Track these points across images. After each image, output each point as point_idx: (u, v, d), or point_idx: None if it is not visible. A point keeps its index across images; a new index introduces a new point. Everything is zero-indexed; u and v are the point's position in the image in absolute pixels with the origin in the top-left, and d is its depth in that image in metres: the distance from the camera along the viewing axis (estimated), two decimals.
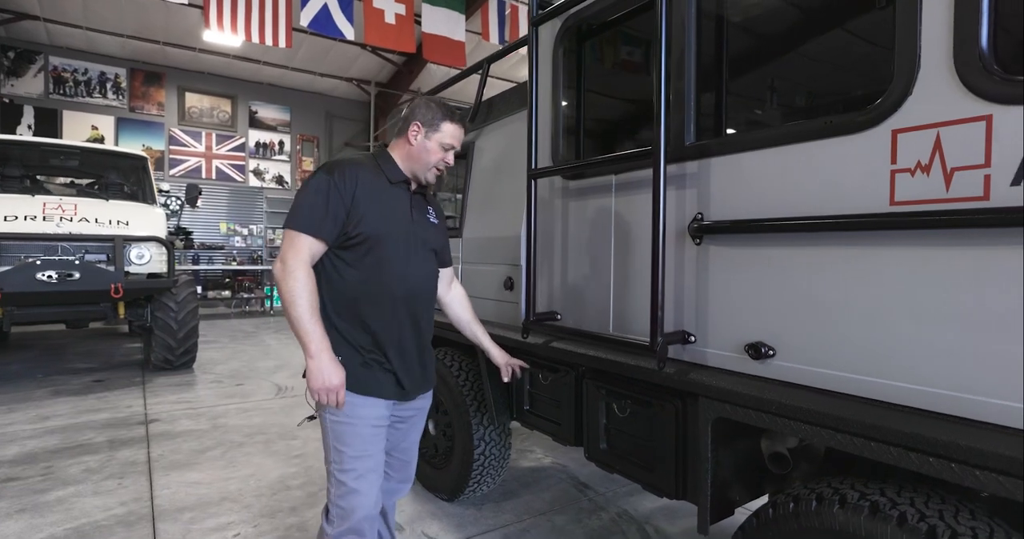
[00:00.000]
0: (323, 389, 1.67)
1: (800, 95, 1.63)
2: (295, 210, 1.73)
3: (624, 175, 1.95)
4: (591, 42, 2.20)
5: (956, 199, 1.14)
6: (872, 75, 1.36)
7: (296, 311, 1.66)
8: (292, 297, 1.66)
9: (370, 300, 1.80)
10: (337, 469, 1.80)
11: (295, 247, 1.70)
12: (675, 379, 1.66)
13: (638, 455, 1.91)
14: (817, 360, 1.39)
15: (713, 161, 1.64)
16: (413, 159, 1.88)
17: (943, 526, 1.15)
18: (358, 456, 1.79)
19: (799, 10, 1.57)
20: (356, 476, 1.78)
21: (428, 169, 1.88)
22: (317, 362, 1.66)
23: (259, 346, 8.58)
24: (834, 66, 1.52)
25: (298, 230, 1.70)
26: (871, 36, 1.40)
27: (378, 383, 1.83)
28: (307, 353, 1.67)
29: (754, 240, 1.53)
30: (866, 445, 1.23)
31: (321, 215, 1.71)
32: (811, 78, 1.59)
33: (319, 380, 1.67)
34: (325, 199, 1.71)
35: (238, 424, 4.67)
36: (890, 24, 1.26)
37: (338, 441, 1.79)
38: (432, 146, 1.86)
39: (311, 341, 1.66)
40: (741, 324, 1.57)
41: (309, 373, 1.68)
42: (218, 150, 13.49)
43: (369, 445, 1.81)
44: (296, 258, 1.69)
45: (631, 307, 1.93)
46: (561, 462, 3.90)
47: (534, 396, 2.50)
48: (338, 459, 1.79)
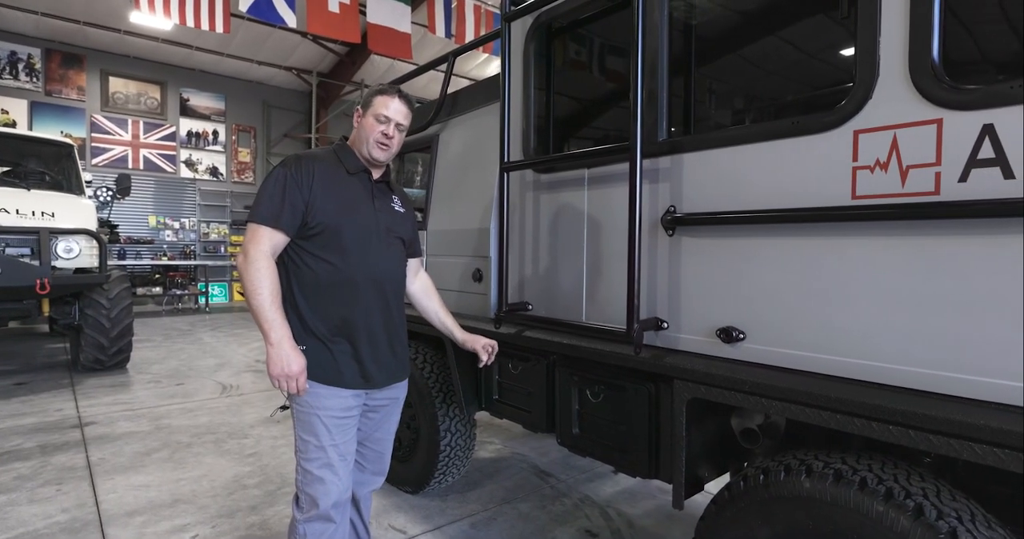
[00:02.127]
0: (282, 376, 1.69)
1: (768, 96, 1.74)
2: (255, 204, 1.78)
3: (597, 169, 2.02)
4: (562, 39, 2.25)
5: (910, 194, 1.27)
6: (836, 80, 1.49)
7: (257, 300, 1.69)
8: (254, 286, 1.70)
9: (335, 288, 1.82)
10: (303, 458, 1.84)
11: (255, 239, 1.74)
12: (652, 363, 1.75)
13: (611, 438, 1.99)
14: (785, 342, 1.50)
15: (686, 157, 1.74)
16: (359, 140, 1.92)
17: (898, 488, 1.28)
18: (322, 446, 1.82)
19: (767, 17, 1.68)
20: (320, 465, 1.82)
21: (371, 145, 1.89)
22: (277, 349, 1.69)
23: (197, 344, 8.22)
24: (800, 70, 1.64)
25: (258, 222, 1.76)
26: (835, 44, 1.52)
27: (343, 373, 1.84)
28: (268, 341, 1.69)
29: (726, 231, 1.63)
30: (832, 417, 1.35)
31: (278, 207, 1.76)
32: (779, 80, 1.70)
33: (278, 366, 1.69)
34: (282, 191, 1.77)
35: (183, 424, 4.48)
36: (852, 34, 1.38)
37: (304, 431, 1.83)
38: (369, 121, 1.89)
39: (272, 329, 1.69)
40: (712, 310, 1.67)
41: (269, 360, 1.69)
42: (146, 139, 12.75)
43: (336, 435, 1.83)
44: (256, 249, 1.73)
45: (604, 296, 2.01)
46: (521, 452, 3.97)
47: (503, 385, 2.54)
48: (304, 448, 1.84)
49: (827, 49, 1.57)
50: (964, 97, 1.20)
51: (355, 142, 1.94)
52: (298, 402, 1.82)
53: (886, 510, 1.26)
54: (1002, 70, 1.23)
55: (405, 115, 1.92)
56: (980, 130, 1.18)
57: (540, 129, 2.30)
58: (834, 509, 1.34)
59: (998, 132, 1.16)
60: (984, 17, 1.27)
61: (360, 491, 2.12)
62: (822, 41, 1.57)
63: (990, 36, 1.29)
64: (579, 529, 2.86)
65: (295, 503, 1.90)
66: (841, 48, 1.48)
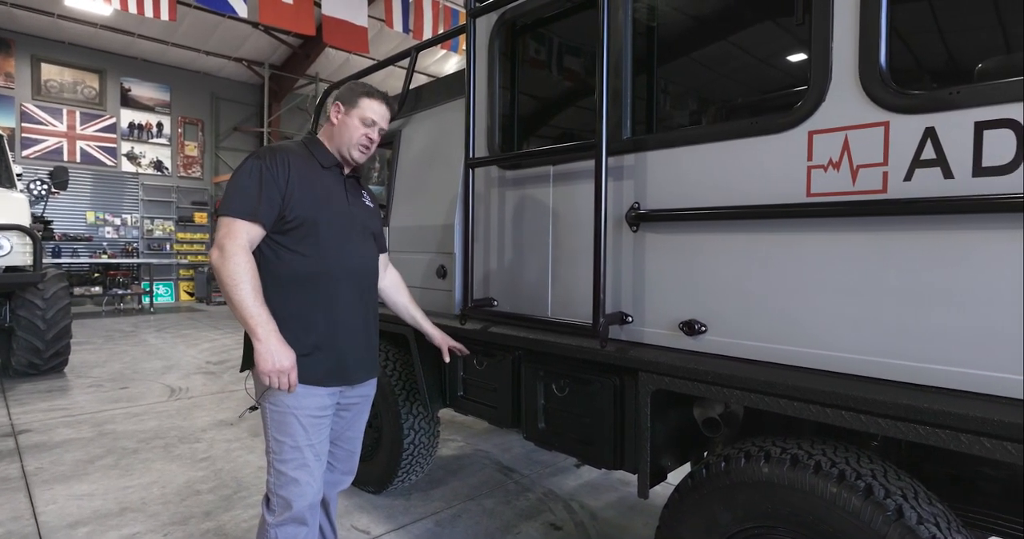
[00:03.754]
0: (274, 371, 1.64)
1: (728, 97, 1.81)
2: (228, 197, 1.70)
3: (562, 166, 2.05)
4: (526, 37, 2.27)
5: (861, 192, 1.35)
6: (792, 83, 1.55)
7: (239, 294, 1.62)
8: (235, 280, 1.62)
9: (313, 283, 1.79)
10: (277, 459, 1.79)
11: (232, 232, 1.67)
12: (617, 356, 1.79)
13: (577, 431, 2.03)
14: (745, 333, 1.57)
15: (649, 155, 1.78)
16: (337, 138, 1.90)
17: (849, 470, 1.36)
18: (298, 446, 1.78)
19: (726, 22, 1.74)
20: (296, 466, 1.78)
21: (352, 146, 1.89)
22: (266, 344, 1.63)
23: (141, 346, 7.88)
24: (758, 73, 1.71)
25: (233, 216, 1.68)
26: (792, 48, 1.59)
27: (320, 371, 1.80)
28: (255, 337, 1.64)
29: (688, 227, 1.68)
30: (789, 404, 1.41)
31: (255, 200, 1.69)
32: (738, 82, 1.77)
33: (270, 362, 1.63)
34: (258, 184, 1.70)
35: (129, 430, 4.29)
36: (807, 40, 1.44)
37: (278, 431, 1.78)
38: (353, 122, 1.87)
39: (258, 324, 1.63)
40: (675, 304, 1.72)
41: (259, 356, 1.64)
42: (83, 130, 12.11)
43: (312, 435, 1.80)
44: (234, 243, 1.65)
45: (570, 291, 2.04)
46: (484, 448, 3.98)
47: (468, 382, 2.55)
48: (278, 449, 1.79)
49: (784, 53, 1.64)
50: (908, 101, 1.28)
51: (331, 139, 1.91)
52: (272, 402, 1.76)
53: (839, 491, 1.34)
54: (942, 77, 1.31)
55: (388, 120, 1.95)
56: (923, 133, 1.26)
57: (505, 126, 2.31)
58: (791, 492, 1.41)
59: (939, 135, 1.24)
60: (927, 28, 1.35)
61: (330, 492, 2.09)
62: (779, 45, 1.64)
63: (932, 46, 1.38)
64: (544, 523, 2.89)
65: (265, 506, 1.86)
66: (797, 53, 1.55)
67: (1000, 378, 1.18)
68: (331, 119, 1.90)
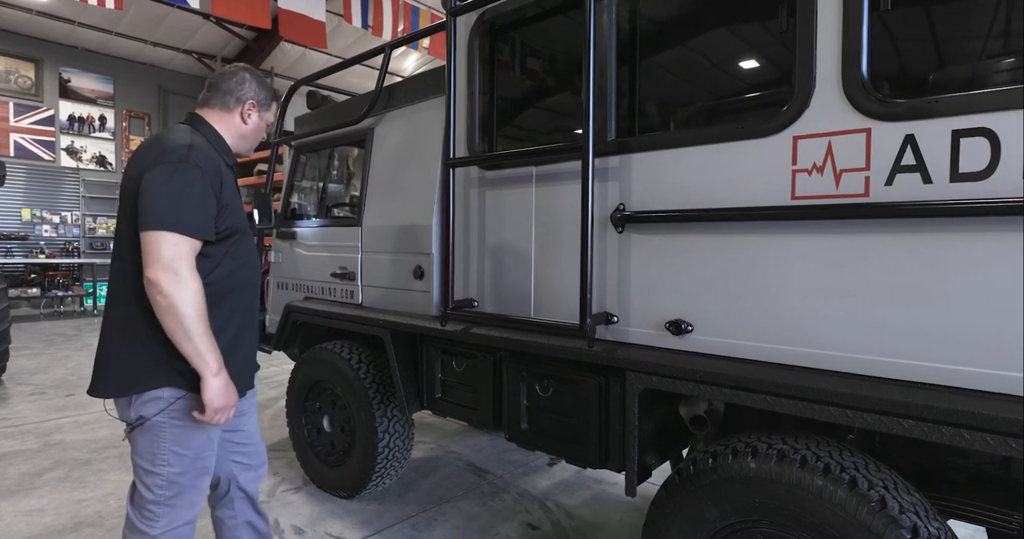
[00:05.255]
0: (226, 407, 1.60)
1: (713, 101, 1.84)
2: (169, 208, 1.52)
3: (545, 167, 2.06)
4: (507, 37, 2.27)
5: (844, 195, 1.40)
6: (777, 89, 1.60)
7: (195, 327, 1.52)
8: (190, 311, 1.51)
9: (235, 293, 1.72)
10: (174, 471, 1.66)
11: (182, 254, 1.52)
12: (605, 356, 1.80)
13: (561, 431, 2.04)
14: (731, 332, 1.61)
15: (635, 157, 1.81)
16: (245, 138, 1.86)
17: (834, 463, 1.41)
18: (201, 456, 1.71)
19: (710, 27, 1.78)
20: (197, 475, 1.71)
21: (251, 145, 1.89)
22: (222, 379, 1.58)
23: (86, 351, 7.49)
24: (743, 78, 1.75)
25: (182, 233, 1.52)
26: (777, 54, 1.63)
27: (243, 381, 1.77)
28: (209, 371, 1.55)
29: (674, 228, 1.71)
30: (776, 401, 1.46)
31: (203, 215, 1.58)
32: (723, 87, 1.81)
33: (225, 397, 1.59)
34: (202, 196, 1.58)
35: (79, 439, 4.08)
36: (792, 47, 1.49)
37: (178, 445, 1.65)
38: (262, 126, 1.88)
39: (214, 359, 1.57)
40: (661, 304, 1.75)
41: (213, 392, 1.56)
42: (18, 122, 11.40)
43: (214, 445, 1.75)
44: (187, 266, 1.53)
45: (553, 292, 2.05)
46: (455, 449, 3.95)
47: (446, 383, 2.52)
48: (174, 462, 1.65)
49: (769, 59, 1.69)
50: (889, 109, 1.34)
51: (240, 137, 1.84)
52: (174, 416, 1.63)
53: (824, 484, 1.39)
54: (922, 86, 1.38)
55: None
56: (903, 139, 1.32)
57: (484, 126, 2.30)
58: (778, 486, 1.45)
59: (918, 142, 1.30)
60: (908, 37, 1.42)
61: (251, 487, 2.04)
62: (764, 51, 1.68)
63: (912, 56, 1.45)
64: (521, 523, 2.90)
65: (139, 519, 1.69)
66: (782, 59, 1.60)
67: (970, 372, 1.25)
68: (242, 116, 1.82)
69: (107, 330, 1.68)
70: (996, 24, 1.29)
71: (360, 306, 2.99)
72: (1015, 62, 1.26)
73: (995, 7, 1.30)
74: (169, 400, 1.62)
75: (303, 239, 3.49)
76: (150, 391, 1.61)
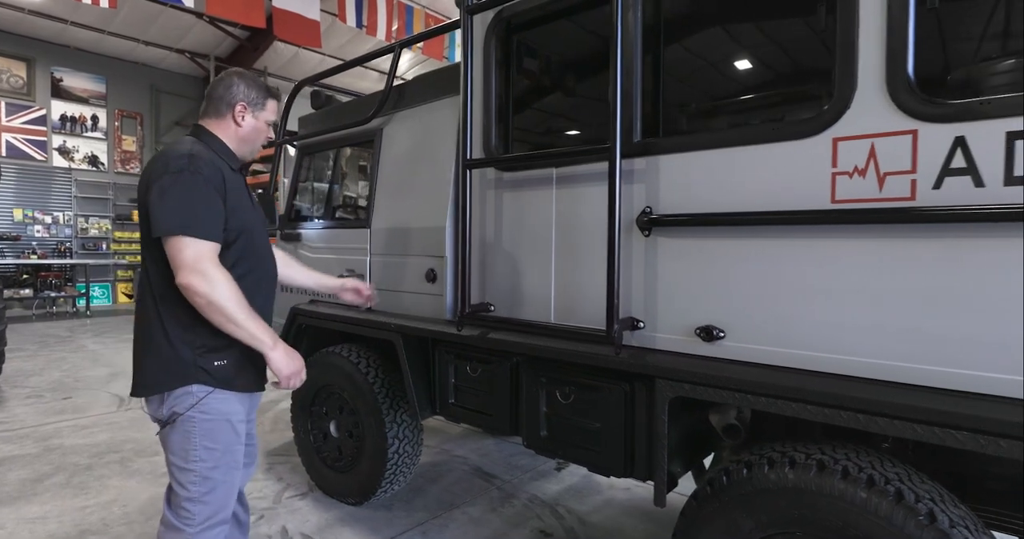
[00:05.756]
0: (297, 371, 1.75)
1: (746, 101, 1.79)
2: (180, 213, 1.60)
3: (566, 169, 2.01)
4: (525, 36, 2.21)
5: (888, 199, 1.36)
6: (815, 88, 1.56)
7: (238, 315, 1.62)
8: (229, 303, 1.61)
9: (251, 292, 1.76)
10: (207, 467, 1.74)
11: (203, 254, 1.61)
12: (633, 363, 1.75)
13: (583, 439, 1.99)
14: (765, 339, 1.56)
15: (662, 158, 1.76)
16: (245, 141, 1.88)
17: (878, 474, 1.37)
18: (230, 450, 1.78)
19: (744, 24, 1.74)
20: (227, 470, 1.78)
21: (256, 148, 1.93)
22: (278, 351, 1.71)
23: (81, 352, 7.39)
24: (778, 78, 1.71)
25: (199, 237, 1.61)
26: (815, 53, 1.59)
27: (259, 377, 1.87)
28: (266, 348, 1.68)
29: (705, 232, 1.67)
30: (820, 411, 1.41)
31: (212, 218, 1.66)
32: (756, 86, 1.76)
33: (292, 365, 1.73)
34: (208, 200, 1.66)
35: (79, 444, 3.99)
36: (831, 46, 1.45)
37: (209, 441, 1.74)
38: (260, 125, 1.89)
39: (266, 336, 1.68)
40: (691, 310, 1.71)
41: (279, 363, 1.71)
42: (10, 122, 11.24)
43: (241, 437, 1.83)
44: (212, 265, 1.62)
45: (575, 296, 2.00)
46: (460, 453, 3.90)
47: (460, 388, 2.47)
48: (207, 457, 1.74)
49: (806, 58, 1.64)
50: (938, 110, 1.29)
51: (239, 140, 1.87)
52: (205, 411, 1.72)
53: (869, 496, 1.34)
54: (972, 87, 1.34)
55: None
56: (952, 142, 1.28)
57: (502, 126, 2.25)
58: (819, 498, 1.41)
59: (969, 144, 1.26)
60: (956, 35, 1.38)
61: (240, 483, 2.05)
62: (800, 50, 1.64)
63: (962, 54, 1.40)
64: (533, 530, 2.85)
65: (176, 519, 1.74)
66: (820, 58, 1.55)
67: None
68: (235, 119, 1.84)
69: (136, 332, 1.78)
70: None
71: (369, 309, 2.93)
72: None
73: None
74: (199, 395, 1.71)
75: (308, 241, 3.42)
76: (181, 387, 1.70)
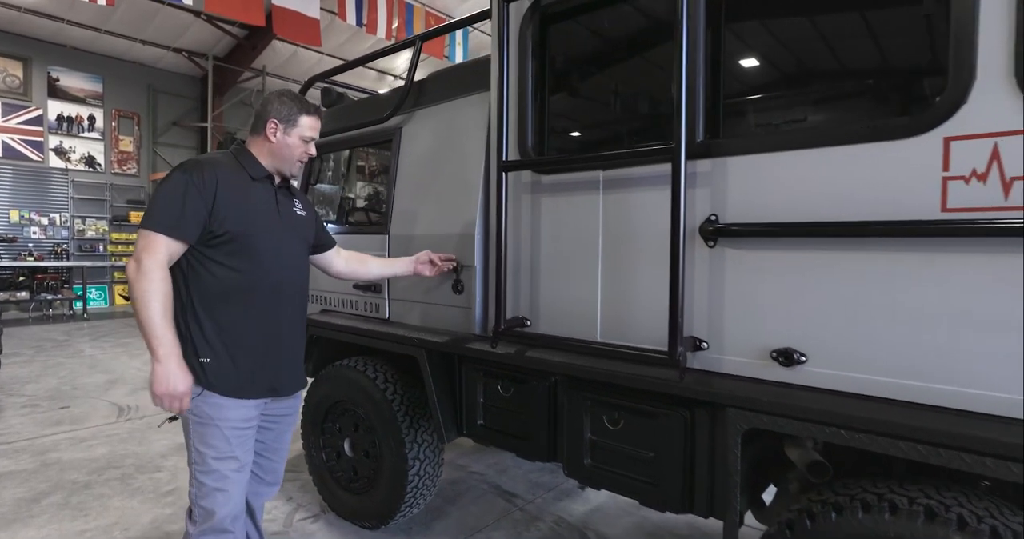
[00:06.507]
0: (166, 395, 1.67)
1: (834, 95, 1.61)
2: (151, 209, 1.71)
3: (615, 171, 1.82)
4: (566, 25, 2.03)
5: (1015, 207, 1.17)
6: (922, 80, 1.38)
7: (147, 313, 1.64)
8: (146, 299, 1.64)
9: (242, 295, 1.81)
10: (199, 471, 1.81)
11: (151, 247, 1.67)
12: (699, 390, 1.57)
13: (634, 470, 1.80)
14: (857, 365, 1.38)
15: (730, 160, 1.58)
16: (276, 156, 1.92)
17: (1000, 525, 1.19)
18: (220, 458, 1.80)
19: (826, 4, 1.55)
20: (218, 478, 1.80)
21: (292, 163, 1.95)
22: (164, 367, 1.65)
23: (78, 357, 7.19)
24: (874, 68, 1.52)
25: (154, 230, 1.68)
26: (923, 39, 1.41)
27: (248, 384, 1.83)
28: (155, 357, 1.65)
29: (784, 243, 1.48)
30: (933, 452, 1.23)
31: (178, 215, 1.69)
32: (848, 78, 1.57)
33: (164, 385, 1.66)
34: (182, 199, 1.70)
35: (77, 458, 3.80)
36: (944, 29, 1.27)
37: (201, 443, 1.81)
38: (293, 141, 1.91)
39: (160, 344, 1.65)
40: (765, 330, 1.52)
41: (155, 377, 1.66)
42: (6, 122, 11.02)
43: (235, 447, 1.82)
44: (152, 258, 1.66)
45: (625, 312, 1.81)
46: (477, 470, 3.71)
47: (490, 409, 2.28)
48: (200, 460, 1.81)
49: (911, 44, 1.45)
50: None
51: (270, 155, 1.91)
52: (196, 413, 1.79)
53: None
54: None
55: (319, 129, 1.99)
56: None
57: (539, 125, 2.06)
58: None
59: None
60: None
61: (256, 501, 2.13)
62: (905, 34, 1.45)
63: None
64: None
65: (188, 517, 1.91)
66: (929, 44, 1.37)
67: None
68: (267, 136, 1.89)
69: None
70: None
71: (387, 321, 2.75)
72: None
73: None
74: (195, 394, 1.75)
75: None
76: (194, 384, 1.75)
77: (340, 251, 2.32)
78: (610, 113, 2.09)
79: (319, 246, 2.20)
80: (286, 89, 1.97)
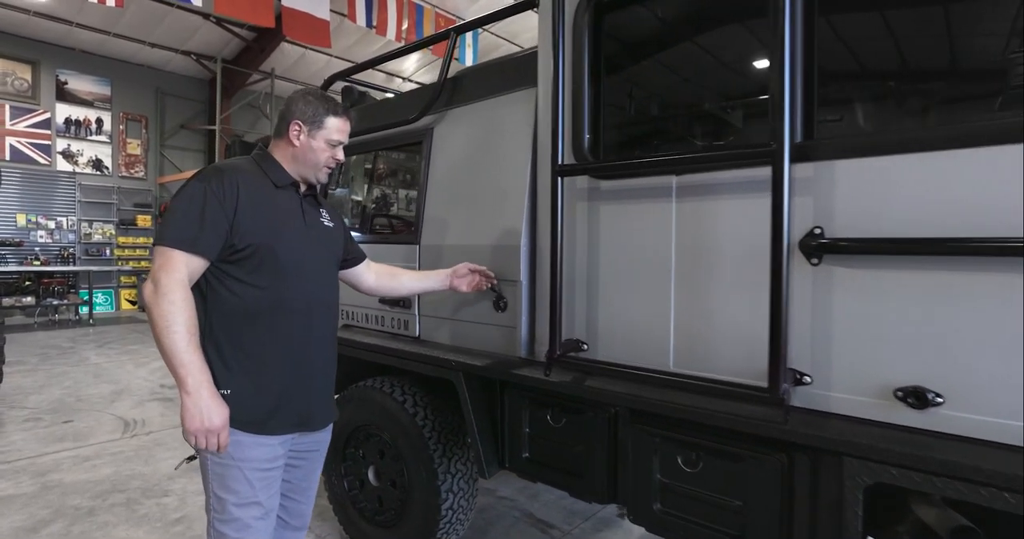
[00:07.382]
0: (202, 431, 1.48)
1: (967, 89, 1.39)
2: (167, 224, 1.54)
3: (691, 176, 1.60)
4: (628, 12, 1.81)
5: None
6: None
7: (170, 339, 1.45)
8: (166, 323, 1.44)
9: (267, 317, 1.62)
10: (218, 519, 1.61)
11: (169, 265, 1.49)
12: (808, 434, 1.33)
13: (716, 520, 1.57)
14: (1011, 410, 1.14)
15: (838, 165, 1.35)
16: (300, 161, 1.73)
17: None
18: (243, 504, 1.60)
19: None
20: (240, 527, 1.59)
21: (318, 169, 1.75)
22: (195, 399, 1.47)
23: (83, 366, 7.00)
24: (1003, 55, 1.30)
25: (172, 246, 1.50)
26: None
27: (274, 419, 1.63)
28: (183, 388, 1.47)
29: (912, 262, 1.25)
30: None
31: (197, 229, 1.52)
32: (971, 69, 1.35)
33: (197, 420, 1.47)
34: (200, 211, 1.53)
35: (80, 480, 3.58)
36: None
37: (220, 487, 1.60)
38: (318, 145, 1.72)
39: (188, 374, 1.46)
40: (886, 364, 1.29)
41: (185, 412, 1.47)
42: (14, 125, 10.90)
43: (259, 491, 1.62)
44: (171, 277, 1.47)
45: (704, 338, 1.59)
46: (506, 495, 3.48)
47: (537, 440, 2.05)
48: (220, 507, 1.60)
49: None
50: None
51: (292, 160, 1.73)
52: (215, 453, 1.57)
53: None
54: None
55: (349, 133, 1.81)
56: None
57: (596, 125, 1.84)
58: None
59: None
60: None
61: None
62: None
63: None
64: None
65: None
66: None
67: None
68: (289, 139, 1.71)
69: None
70: None
71: (417, 340, 2.52)
72: None
73: None
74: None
75: None
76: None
77: (371, 265, 2.12)
78: (679, 111, 1.86)
79: (349, 260, 2.01)
80: (312, 87, 1.78)
